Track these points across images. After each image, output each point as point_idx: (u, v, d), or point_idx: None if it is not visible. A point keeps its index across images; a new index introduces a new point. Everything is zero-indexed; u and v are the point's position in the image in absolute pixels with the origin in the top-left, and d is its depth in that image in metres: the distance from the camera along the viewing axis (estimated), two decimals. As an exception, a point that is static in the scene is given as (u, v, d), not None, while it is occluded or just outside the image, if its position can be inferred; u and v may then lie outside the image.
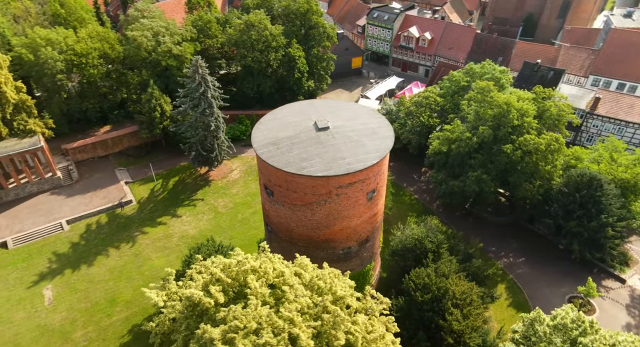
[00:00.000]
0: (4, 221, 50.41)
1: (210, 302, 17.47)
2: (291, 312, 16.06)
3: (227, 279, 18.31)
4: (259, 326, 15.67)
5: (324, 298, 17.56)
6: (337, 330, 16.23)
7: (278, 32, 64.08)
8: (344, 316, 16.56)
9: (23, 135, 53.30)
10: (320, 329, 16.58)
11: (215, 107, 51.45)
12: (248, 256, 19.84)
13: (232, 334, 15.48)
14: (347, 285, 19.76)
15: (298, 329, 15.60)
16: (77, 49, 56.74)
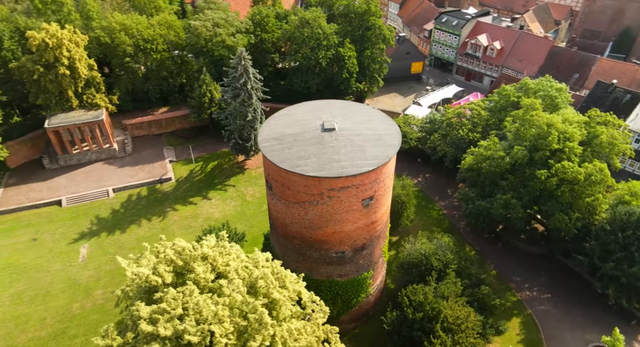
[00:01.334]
0: (63, 182, 56.87)
1: (157, 280, 18.64)
2: (218, 305, 16.59)
3: (179, 262, 19.36)
4: (185, 312, 16.42)
5: (257, 299, 17.86)
6: (257, 332, 16.45)
7: (331, 31, 64.45)
8: (267, 320, 16.68)
9: (90, 108, 59.50)
10: (244, 328, 16.90)
11: (254, 98, 53.30)
12: (204, 243, 20.73)
13: (157, 315, 16.43)
14: (292, 289, 19.74)
15: (218, 324, 16.04)
16: (145, 35, 61.84)
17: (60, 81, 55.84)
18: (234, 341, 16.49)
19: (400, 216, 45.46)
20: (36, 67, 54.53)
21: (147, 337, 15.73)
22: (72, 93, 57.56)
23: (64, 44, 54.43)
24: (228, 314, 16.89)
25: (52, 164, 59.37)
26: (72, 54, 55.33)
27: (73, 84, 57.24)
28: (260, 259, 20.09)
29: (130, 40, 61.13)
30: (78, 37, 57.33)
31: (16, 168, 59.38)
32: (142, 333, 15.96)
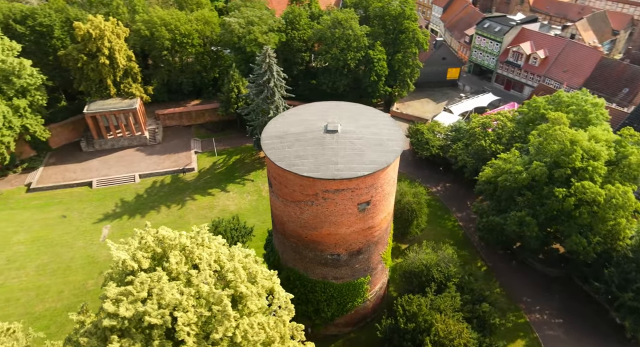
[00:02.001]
0: (96, 164, 60.46)
1: (133, 265, 19.61)
2: (183, 295, 17.19)
3: (158, 249, 20.21)
4: (149, 297, 17.14)
5: (225, 291, 18.31)
6: (220, 324, 16.84)
7: (362, 33, 64.12)
8: (230, 312, 17.02)
9: (126, 97, 62.78)
10: (208, 319, 17.39)
11: (276, 95, 54.10)
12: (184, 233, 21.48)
13: (122, 297, 17.29)
14: (262, 284, 20.00)
15: (181, 312, 16.62)
16: (182, 29, 64.37)
17: (100, 70, 59.31)
18: (197, 330, 17.06)
19: (409, 223, 44.63)
20: (80, 55, 58.24)
21: (109, 316, 16.66)
22: (110, 82, 60.96)
23: (105, 35, 57.75)
24: (193, 304, 17.51)
25: (89, 147, 63.22)
26: (113, 45, 58.59)
27: (112, 73, 60.61)
28: (236, 253, 20.58)
29: (168, 34, 63.83)
30: (120, 29, 60.62)
31: (57, 149, 63.75)
32: (104, 312, 16.92)
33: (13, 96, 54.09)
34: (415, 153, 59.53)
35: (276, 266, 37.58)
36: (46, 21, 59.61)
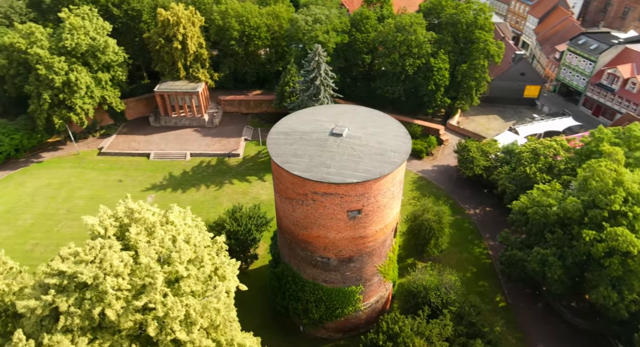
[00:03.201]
0: (156, 139, 66.54)
1: (99, 231, 21.78)
2: (122, 261, 18.70)
3: (125, 220, 22.13)
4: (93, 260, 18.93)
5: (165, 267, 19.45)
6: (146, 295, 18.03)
7: (425, 39, 61.83)
8: (157, 287, 18.08)
9: (192, 80, 67.94)
10: (140, 288, 18.68)
11: (322, 94, 54.68)
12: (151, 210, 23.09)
13: (70, 256, 19.33)
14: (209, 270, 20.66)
15: (113, 276, 18.13)
16: (252, 22, 67.74)
17: (173, 53, 64.89)
18: (127, 296, 18.50)
19: (427, 242, 42.60)
20: (159, 39, 64.28)
21: (53, 271, 18.83)
22: (181, 65, 66.40)
23: (181, 22, 62.96)
24: (128, 272, 19.03)
25: (155, 122, 69.67)
26: (187, 31, 63.68)
27: (183, 58, 65.96)
28: (193, 237, 21.71)
29: (238, 26, 67.59)
30: (196, 17, 65.61)
31: (131, 120, 71.23)
32: (50, 267, 19.10)
33: (97, 70, 61.53)
34: (459, 171, 56.26)
35: (276, 260, 38.47)
36: (137, 6, 66.68)
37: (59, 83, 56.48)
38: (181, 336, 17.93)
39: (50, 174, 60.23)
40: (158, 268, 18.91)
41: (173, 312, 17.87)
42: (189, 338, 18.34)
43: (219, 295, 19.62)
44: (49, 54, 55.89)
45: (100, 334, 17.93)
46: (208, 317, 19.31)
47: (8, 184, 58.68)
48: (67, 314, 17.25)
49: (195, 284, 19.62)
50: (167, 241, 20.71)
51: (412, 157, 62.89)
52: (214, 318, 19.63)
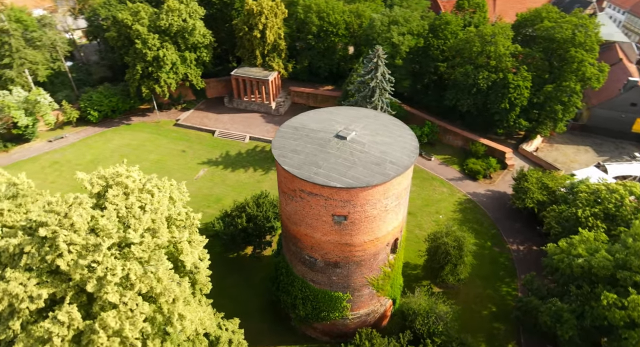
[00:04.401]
0: (225, 118, 71.51)
1: (86, 186, 24.71)
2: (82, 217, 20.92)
3: (110, 181, 24.67)
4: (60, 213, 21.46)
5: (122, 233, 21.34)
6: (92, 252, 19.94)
7: (506, 52, 56.61)
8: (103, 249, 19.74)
9: (267, 69, 71.36)
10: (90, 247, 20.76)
11: (375, 96, 53.53)
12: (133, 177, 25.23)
13: (45, 205, 22.17)
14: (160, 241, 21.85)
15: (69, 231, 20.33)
16: (331, 19, 68.64)
17: (252, 41, 68.78)
18: (80, 250, 20.67)
19: (441, 267, 39.79)
20: (243, 26, 68.67)
21: (28, 221, 21.79)
22: (259, 53, 70.14)
23: (264, 13, 66.34)
24: (87, 229, 21.27)
25: (229, 103, 74.83)
26: (267, 22, 66.93)
27: (261, 46, 69.55)
28: (161, 208, 23.34)
29: (317, 21, 69.01)
30: (279, 9, 68.53)
31: (210, 99, 77.44)
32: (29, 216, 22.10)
33: (185, 49, 67.96)
34: (510, 200, 50.96)
35: (279, 250, 39.32)
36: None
37: (150, 57, 63.76)
38: (112, 298, 19.74)
39: (132, 136, 68.53)
40: (114, 230, 20.98)
41: (108, 275, 19.72)
42: (122, 300, 20.10)
43: (159, 265, 21.07)
44: (146, 31, 63.30)
45: (52, 278, 20.55)
46: (148, 284, 20.90)
47: (99, 138, 68.22)
48: (29, 255, 20.15)
49: (143, 251, 21.33)
50: (136, 208, 22.75)
51: (465, 177, 58.62)
52: (154, 285, 21.16)
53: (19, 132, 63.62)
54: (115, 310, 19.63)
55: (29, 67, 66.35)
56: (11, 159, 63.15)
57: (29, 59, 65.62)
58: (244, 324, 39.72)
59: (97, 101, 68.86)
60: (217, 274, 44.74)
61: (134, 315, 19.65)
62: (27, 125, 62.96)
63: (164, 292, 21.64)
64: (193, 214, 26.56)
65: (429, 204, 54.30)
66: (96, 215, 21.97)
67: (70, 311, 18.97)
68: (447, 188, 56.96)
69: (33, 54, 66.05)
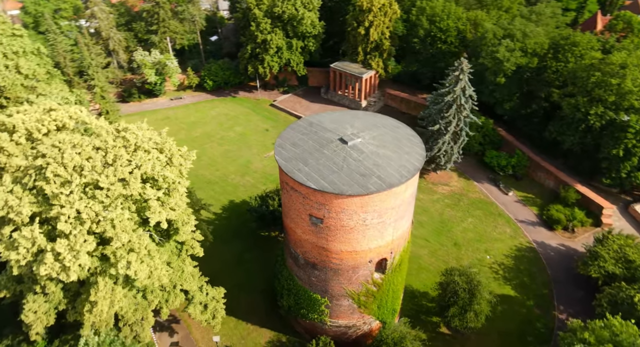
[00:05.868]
0: (315, 108, 73.95)
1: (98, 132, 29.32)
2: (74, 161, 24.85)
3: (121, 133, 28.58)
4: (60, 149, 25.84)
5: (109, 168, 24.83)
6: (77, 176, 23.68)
7: (636, 89, 46.28)
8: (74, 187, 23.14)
9: (365, 66, 71.23)
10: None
11: (450, 112, 49.41)
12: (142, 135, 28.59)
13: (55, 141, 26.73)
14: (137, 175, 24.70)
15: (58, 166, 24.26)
16: (442, 24, 64.88)
17: (356, 37, 69.27)
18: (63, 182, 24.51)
19: (447, 306, 35.92)
20: (352, 22, 69.59)
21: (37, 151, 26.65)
22: (361, 50, 70.31)
23: (373, 10, 66.08)
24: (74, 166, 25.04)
25: (324, 94, 77.12)
26: (374, 20, 66.52)
27: (364, 43, 69.57)
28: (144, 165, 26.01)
29: (427, 25, 65.93)
30: (391, 9, 67.34)
31: (310, 87, 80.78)
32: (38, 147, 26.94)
33: (293, 37, 72.01)
34: (575, 262, 42.43)
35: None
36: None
37: (259, 40, 69.50)
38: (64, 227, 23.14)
39: (232, 108, 76.00)
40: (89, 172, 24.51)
41: (67, 207, 23.28)
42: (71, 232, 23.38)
43: (114, 212, 24.04)
44: (262, 16, 68.98)
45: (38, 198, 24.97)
46: (103, 226, 24.12)
47: (207, 105, 77.36)
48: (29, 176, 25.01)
49: (107, 197, 24.48)
50: (124, 159, 26.14)
51: (541, 223, 50.60)
52: (107, 229, 24.26)
53: (150, 88, 76.08)
54: (65, 239, 23.37)
55: (170, 36, 78.39)
56: (140, 108, 76.11)
57: (171, 28, 77.52)
58: (241, 297, 42.23)
59: (214, 72, 77.97)
60: (242, 246, 48.46)
61: (77, 248, 23.08)
62: (155, 82, 74.88)
63: (114, 238, 24.66)
64: (181, 180, 29.08)
65: (481, 241, 48.62)
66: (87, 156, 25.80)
67: (33, 230, 23.28)
68: (511, 229, 50.01)
69: (175, 25, 77.82)
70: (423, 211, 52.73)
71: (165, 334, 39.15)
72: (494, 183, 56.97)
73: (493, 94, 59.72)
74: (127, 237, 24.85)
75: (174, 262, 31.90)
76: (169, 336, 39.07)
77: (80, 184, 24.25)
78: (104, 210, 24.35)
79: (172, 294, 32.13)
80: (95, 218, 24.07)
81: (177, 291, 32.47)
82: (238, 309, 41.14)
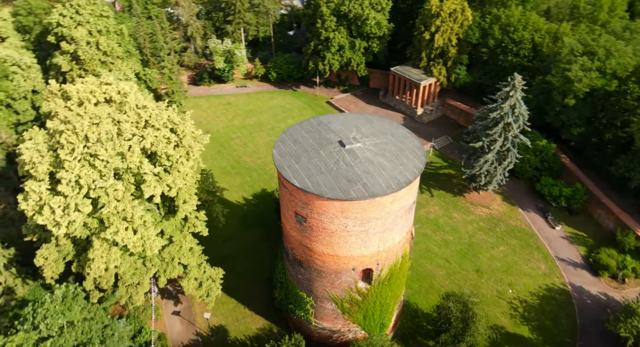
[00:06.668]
0: (370, 110, 72.98)
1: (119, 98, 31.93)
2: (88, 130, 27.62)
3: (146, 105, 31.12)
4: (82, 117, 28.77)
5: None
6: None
7: None
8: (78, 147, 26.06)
9: (427, 73, 68.49)
10: None
11: (495, 130, 45.74)
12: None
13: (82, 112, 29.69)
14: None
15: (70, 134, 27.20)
16: (515, 36, 60.03)
17: (421, 42, 66.90)
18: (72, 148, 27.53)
19: (438, 330, 33.81)
20: (420, 26, 67.34)
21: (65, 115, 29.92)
22: (424, 55, 67.76)
23: (441, 15, 63.27)
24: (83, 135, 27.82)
25: (382, 98, 75.74)
26: (442, 25, 63.63)
27: (428, 49, 66.93)
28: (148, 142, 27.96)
29: (499, 34, 61.46)
30: (461, 15, 63.85)
31: (370, 88, 79.85)
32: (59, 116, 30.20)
33: (357, 36, 71.61)
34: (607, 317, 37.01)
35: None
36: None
37: (322, 37, 70.33)
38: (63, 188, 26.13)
39: (290, 101, 77.85)
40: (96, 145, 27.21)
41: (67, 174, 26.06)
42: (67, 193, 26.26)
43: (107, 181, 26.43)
44: (328, 13, 69.63)
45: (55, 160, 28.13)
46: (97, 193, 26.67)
47: (268, 95, 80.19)
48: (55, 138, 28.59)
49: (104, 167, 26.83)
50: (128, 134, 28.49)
51: (585, 266, 45.16)
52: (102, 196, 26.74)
53: (219, 74, 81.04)
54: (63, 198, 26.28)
55: (244, 27, 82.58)
56: (207, 92, 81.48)
57: (246, 20, 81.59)
58: (247, 283, 43.68)
59: (279, 65, 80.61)
60: (261, 235, 49.98)
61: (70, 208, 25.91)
62: (223, 69, 79.55)
63: (106, 204, 27.13)
64: (184, 160, 30.75)
65: (508, 272, 44.62)
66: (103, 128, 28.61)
67: (41, 186, 26.55)
68: (547, 266, 45.14)
69: (250, 17, 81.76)
70: (452, 230, 49.77)
71: (170, 302, 42.05)
72: (542, 213, 51.72)
73: (559, 116, 54.05)
74: (121, 206, 27.25)
75: (176, 236, 34.06)
76: (174, 305, 41.88)
77: (84, 153, 27.06)
78: (100, 179, 26.89)
79: (170, 266, 34.41)
80: (92, 185, 26.74)
81: (175, 263, 34.66)
82: (241, 293, 42.77)
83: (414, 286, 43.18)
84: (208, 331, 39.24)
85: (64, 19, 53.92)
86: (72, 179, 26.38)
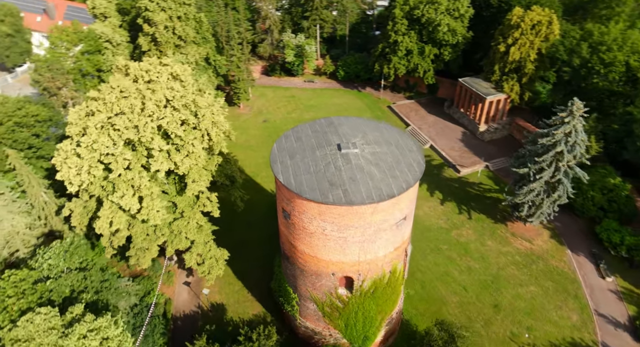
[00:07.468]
0: (430, 120, 69.93)
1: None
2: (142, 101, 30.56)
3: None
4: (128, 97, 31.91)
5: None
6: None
7: None
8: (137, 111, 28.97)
9: (497, 87, 63.47)
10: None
11: (546, 157, 41.05)
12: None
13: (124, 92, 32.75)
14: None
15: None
16: (607, 56, 53.01)
17: (495, 54, 62.19)
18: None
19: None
20: (498, 36, 62.69)
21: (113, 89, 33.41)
22: (497, 68, 62.91)
23: (521, 27, 58.12)
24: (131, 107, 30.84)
25: (446, 109, 71.96)
26: (521, 38, 58.42)
27: (502, 62, 61.97)
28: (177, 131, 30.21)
29: (586, 54, 54.74)
30: (547, 28, 57.90)
31: (437, 97, 76.21)
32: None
33: (428, 43, 68.74)
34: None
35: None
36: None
37: (391, 40, 68.87)
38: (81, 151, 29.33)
39: (351, 101, 77.48)
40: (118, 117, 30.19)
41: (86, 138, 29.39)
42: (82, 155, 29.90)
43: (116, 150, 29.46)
44: (401, 16, 67.87)
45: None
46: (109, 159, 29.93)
47: (331, 93, 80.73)
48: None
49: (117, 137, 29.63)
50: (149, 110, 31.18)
51: (627, 329, 39.45)
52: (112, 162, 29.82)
53: (289, 67, 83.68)
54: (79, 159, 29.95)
55: (320, 24, 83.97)
56: (276, 83, 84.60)
57: (322, 17, 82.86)
58: (258, 268, 44.96)
59: (348, 64, 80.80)
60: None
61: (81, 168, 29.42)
62: (293, 63, 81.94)
63: (114, 170, 30.17)
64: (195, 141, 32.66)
65: (530, 315, 40.16)
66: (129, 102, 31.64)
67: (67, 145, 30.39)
68: (580, 318, 39.70)
69: (327, 14, 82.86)
70: (480, 258, 46.08)
71: (184, 273, 45.11)
72: (593, 260, 45.51)
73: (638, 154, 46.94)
74: (130, 174, 30.06)
75: (187, 212, 36.45)
76: (186, 276, 44.84)
77: (105, 122, 30.24)
78: (113, 146, 29.88)
79: (177, 238, 36.92)
80: (104, 151, 29.85)
81: (183, 237, 37.09)
82: (248, 278, 44.32)
83: (420, 307, 40.96)
84: (208, 306, 41.42)
85: (151, 3, 59.95)
86: (90, 144, 29.77)
